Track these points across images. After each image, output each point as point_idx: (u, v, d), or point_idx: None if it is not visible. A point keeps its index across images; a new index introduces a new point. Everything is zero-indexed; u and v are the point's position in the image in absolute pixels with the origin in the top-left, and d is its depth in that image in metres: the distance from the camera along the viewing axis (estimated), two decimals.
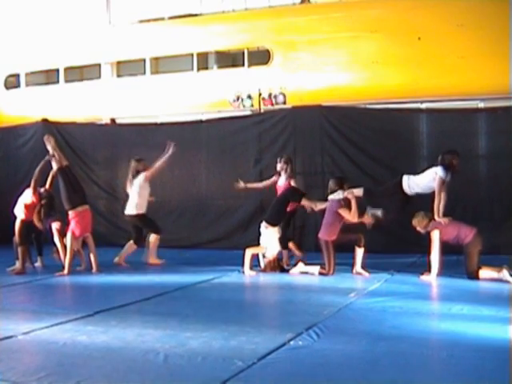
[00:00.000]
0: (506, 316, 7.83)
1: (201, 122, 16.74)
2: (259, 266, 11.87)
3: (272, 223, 11.72)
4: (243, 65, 18.09)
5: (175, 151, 12.92)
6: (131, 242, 13.13)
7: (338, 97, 16.22)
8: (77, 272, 12.10)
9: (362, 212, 11.44)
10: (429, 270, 10.71)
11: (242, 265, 11.65)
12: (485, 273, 10.46)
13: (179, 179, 16.22)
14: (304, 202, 11.89)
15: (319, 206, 11.67)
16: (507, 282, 10.16)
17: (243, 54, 18.07)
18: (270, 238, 11.66)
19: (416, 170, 12.38)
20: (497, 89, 15.25)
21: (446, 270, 10.83)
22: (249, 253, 11.70)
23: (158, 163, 12.99)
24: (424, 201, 11.14)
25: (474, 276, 10.44)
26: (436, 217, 10.76)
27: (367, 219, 11.45)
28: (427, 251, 10.79)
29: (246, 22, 18.09)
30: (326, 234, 11.32)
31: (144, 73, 18.98)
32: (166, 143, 13.17)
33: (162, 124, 17.11)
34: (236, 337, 6.90)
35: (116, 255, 13.09)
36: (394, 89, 16.13)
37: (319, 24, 17.21)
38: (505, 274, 10.28)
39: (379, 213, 11.46)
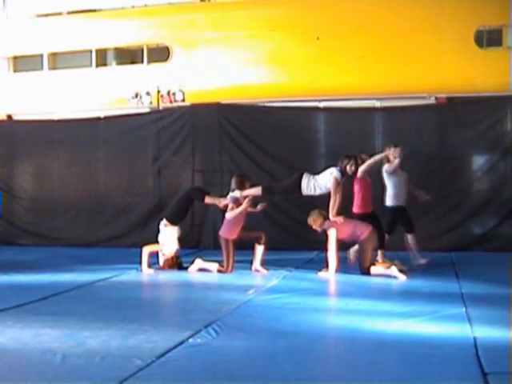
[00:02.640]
0: (401, 311, 8.02)
1: (99, 119, 16.53)
2: (158, 263, 11.81)
3: (172, 221, 11.67)
4: (142, 62, 17.96)
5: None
6: None
7: (238, 95, 16.27)
8: None
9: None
10: (326, 266, 10.86)
11: (141, 263, 11.57)
12: (376, 269, 10.73)
13: (77, 177, 16.01)
14: (208, 200, 11.84)
15: (223, 202, 11.64)
16: (395, 277, 10.44)
17: (142, 50, 17.94)
18: (168, 236, 11.60)
19: (314, 167, 12.56)
20: (393, 88, 15.58)
21: (342, 266, 11.00)
22: (146, 251, 11.62)
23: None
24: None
25: (367, 272, 10.67)
26: (331, 216, 10.87)
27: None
28: (324, 248, 10.94)
29: (146, 18, 17.95)
30: (227, 232, 11.32)
31: (41, 68, 18.63)
32: (64, 140, 12.93)
33: (59, 121, 16.82)
34: (135, 335, 6.84)
35: (13, 254, 12.80)
36: (292, 87, 16.27)
37: (219, 22, 17.23)
38: (393, 270, 10.57)
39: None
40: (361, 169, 11.19)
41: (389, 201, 11.68)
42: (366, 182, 11.39)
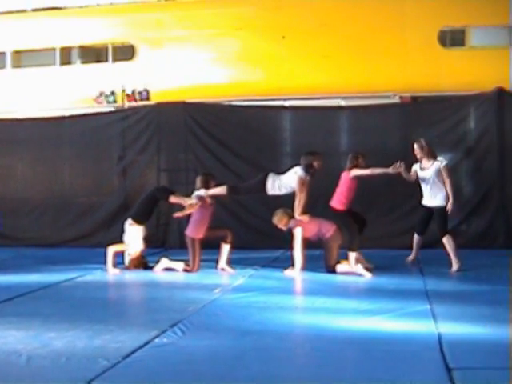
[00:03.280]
0: (367, 308, 8.07)
1: (64, 117, 16.39)
2: (124, 263, 11.75)
3: (137, 220, 11.62)
4: (107, 60, 17.88)
5: None
6: None
7: (204, 94, 16.28)
8: None
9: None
10: (292, 265, 10.89)
11: (106, 263, 11.51)
12: (341, 267, 10.77)
13: (41, 176, 15.88)
14: (173, 200, 11.78)
15: (188, 202, 11.59)
16: (361, 275, 10.50)
17: (107, 49, 17.86)
18: (133, 236, 11.56)
19: (279, 166, 12.60)
20: (358, 88, 15.67)
21: (308, 264, 11.03)
22: (111, 250, 11.55)
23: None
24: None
25: (333, 270, 10.71)
26: (296, 215, 10.88)
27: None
28: (290, 247, 10.97)
29: (111, 16, 17.88)
30: (193, 231, 11.29)
31: (5, 67, 18.47)
32: (28, 139, 12.82)
33: (23, 120, 16.65)
34: (100, 336, 6.81)
35: None
36: (258, 86, 16.31)
37: (184, 20, 17.21)
38: (359, 267, 10.63)
39: None
40: (358, 172, 11.06)
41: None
42: (356, 184, 11.27)
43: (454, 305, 8.28)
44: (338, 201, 11.19)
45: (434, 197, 11.17)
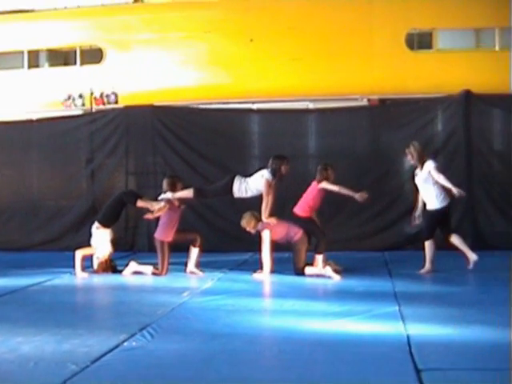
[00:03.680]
0: (336, 310, 8.07)
1: (31, 121, 16.30)
2: (92, 267, 11.69)
3: (104, 224, 11.55)
4: (75, 63, 17.78)
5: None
6: None
7: (172, 97, 16.25)
8: None
9: None
10: (261, 267, 10.88)
11: (74, 266, 11.43)
12: (310, 269, 10.78)
13: (9, 180, 15.76)
14: (140, 204, 11.71)
15: (155, 206, 11.54)
16: (330, 277, 10.51)
17: (75, 52, 17.77)
18: (101, 239, 11.49)
19: (247, 169, 12.57)
20: (326, 90, 15.72)
21: (277, 267, 11.03)
22: (79, 254, 11.47)
23: None
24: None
25: (301, 272, 10.72)
26: (264, 217, 10.85)
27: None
28: (259, 250, 10.96)
29: (79, 19, 17.81)
30: (162, 234, 11.25)
31: None
32: None
33: None
34: (69, 340, 6.76)
35: None
36: (226, 89, 16.32)
37: (152, 23, 17.18)
38: (327, 270, 10.64)
39: None
40: (327, 186, 11.04)
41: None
42: (322, 195, 11.24)
43: (422, 306, 8.34)
44: (302, 208, 11.23)
45: (427, 201, 11.12)
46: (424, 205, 11.16)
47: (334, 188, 11.05)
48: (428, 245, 11.01)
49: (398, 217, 13.89)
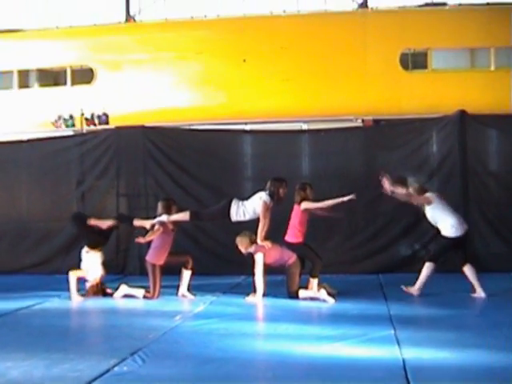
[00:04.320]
0: (330, 334, 8.07)
1: (22, 141, 16.29)
2: (84, 289, 11.65)
3: (92, 247, 11.53)
4: (66, 83, 17.82)
5: None
6: None
7: (164, 118, 16.30)
8: None
9: None
10: (254, 291, 10.87)
11: (68, 289, 11.37)
12: (304, 292, 10.75)
13: None
14: (136, 223, 11.71)
15: (148, 224, 11.50)
16: (324, 300, 10.49)
17: (66, 72, 17.81)
18: (91, 262, 11.46)
19: (240, 191, 12.58)
20: (320, 111, 15.76)
21: (270, 290, 11.01)
22: (73, 276, 11.41)
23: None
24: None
25: (295, 296, 10.70)
26: (259, 240, 10.83)
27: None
28: (252, 273, 10.95)
29: (70, 39, 17.88)
30: (154, 257, 11.21)
31: None
32: None
33: None
34: (59, 365, 6.74)
35: None
36: (219, 110, 16.36)
37: (144, 43, 17.25)
38: (322, 293, 10.62)
39: None
40: (309, 205, 11.03)
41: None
42: (308, 216, 11.21)
43: (418, 329, 8.35)
44: (293, 234, 11.17)
45: (442, 228, 11.06)
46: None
47: (317, 205, 11.04)
48: (427, 266, 10.99)
49: (393, 239, 13.90)
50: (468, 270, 10.90)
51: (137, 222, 11.70)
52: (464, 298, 10.65)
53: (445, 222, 10.95)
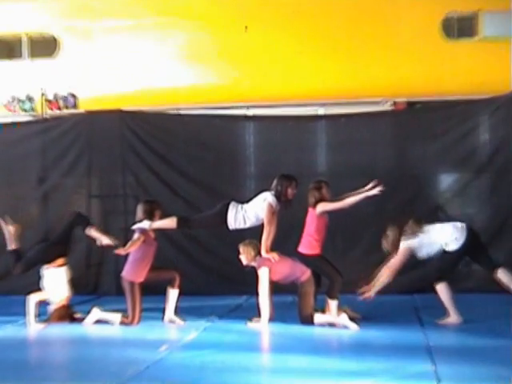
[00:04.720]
0: (354, 369, 8.06)
1: None
2: (45, 314, 11.68)
3: (50, 261, 11.53)
4: (21, 56, 17.85)
5: None
6: None
7: (146, 100, 16.29)
8: None
9: None
10: (258, 314, 10.91)
11: (25, 315, 11.40)
12: (320, 317, 10.78)
13: None
14: (89, 232, 11.66)
15: (105, 242, 11.49)
16: (345, 327, 10.53)
17: (22, 42, 17.84)
18: (54, 280, 11.47)
19: (241, 191, 12.65)
20: (341, 92, 15.75)
21: (278, 313, 11.05)
22: (33, 300, 11.42)
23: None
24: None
25: (309, 320, 10.73)
26: (263, 252, 10.85)
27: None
28: (256, 292, 10.98)
29: (27, 1, 17.87)
30: (133, 273, 11.22)
31: None
32: None
33: None
34: None
35: None
36: (214, 91, 16.36)
37: (123, 6, 17.22)
38: (343, 317, 10.65)
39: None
40: (327, 207, 11.07)
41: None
42: (325, 221, 11.27)
43: (463, 364, 8.30)
44: (308, 244, 11.17)
45: (444, 242, 11.19)
46: None
47: (336, 205, 11.05)
48: (441, 289, 11.06)
49: None
50: (503, 273, 10.95)
51: (90, 232, 11.67)
52: None
53: (439, 243, 11.13)
